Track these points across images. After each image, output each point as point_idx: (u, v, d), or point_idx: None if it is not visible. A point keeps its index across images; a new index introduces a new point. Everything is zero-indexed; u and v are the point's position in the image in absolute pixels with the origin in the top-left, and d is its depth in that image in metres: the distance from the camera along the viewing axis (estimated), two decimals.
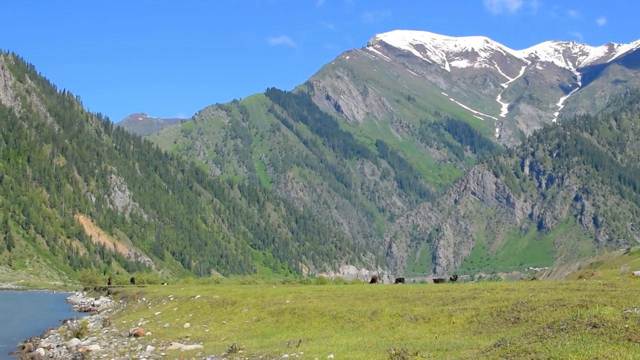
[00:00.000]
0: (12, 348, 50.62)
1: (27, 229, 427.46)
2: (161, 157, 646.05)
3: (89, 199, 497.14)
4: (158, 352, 35.51)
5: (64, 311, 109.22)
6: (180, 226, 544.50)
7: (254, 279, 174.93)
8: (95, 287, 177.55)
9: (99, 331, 53.26)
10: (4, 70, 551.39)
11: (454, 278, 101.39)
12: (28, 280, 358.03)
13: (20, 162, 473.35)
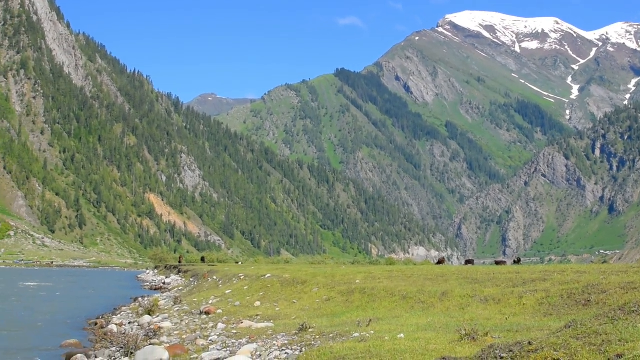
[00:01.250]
0: (84, 325, 51.43)
1: (99, 208, 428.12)
2: (231, 137, 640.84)
3: (159, 178, 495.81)
4: (229, 330, 34.75)
5: (135, 289, 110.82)
6: (250, 206, 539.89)
7: (324, 259, 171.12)
8: (166, 265, 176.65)
9: (170, 309, 53.68)
10: (75, 50, 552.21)
11: (518, 261, 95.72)
12: (99, 258, 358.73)
13: (92, 141, 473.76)
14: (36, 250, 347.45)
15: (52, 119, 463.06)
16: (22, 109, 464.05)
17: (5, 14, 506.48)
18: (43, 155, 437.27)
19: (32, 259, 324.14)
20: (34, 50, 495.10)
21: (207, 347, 30.63)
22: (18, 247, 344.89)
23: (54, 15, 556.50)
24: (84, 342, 39.88)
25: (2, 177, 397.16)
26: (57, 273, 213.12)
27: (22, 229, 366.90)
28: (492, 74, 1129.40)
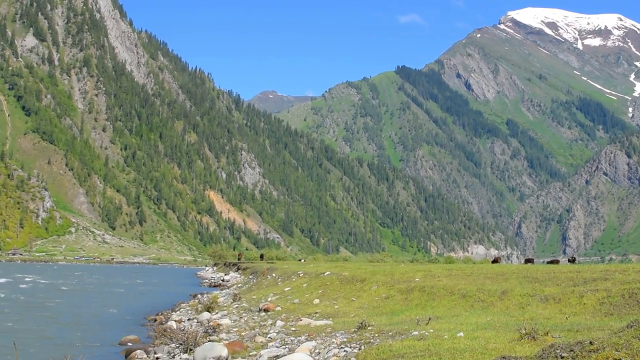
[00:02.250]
0: (144, 321, 51.83)
1: (159, 205, 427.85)
2: (291, 134, 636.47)
3: (219, 175, 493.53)
4: (288, 328, 34.67)
5: (194, 286, 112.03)
6: (309, 203, 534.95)
7: (382, 257, 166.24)
8: (225, 262, 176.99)
9: (229, 306, 53.40)
10: (137, 47, 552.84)
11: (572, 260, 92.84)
12: (159, 255, 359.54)
13: (153, 138, 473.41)
14: (96, 246, 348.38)
15: (113, 116, 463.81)
16: (84, 107, 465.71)
17: (69, 12, 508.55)
18: (104, 152, 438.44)
19: (92, 255, 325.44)
20: (97, 48, 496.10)
21: (265, 344, 30.60)
22: (79, 244, 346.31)
23: (117, 13, 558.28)
24: (143, 338, 40.24)
25: (64, 173, 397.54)
26: (117, 269, 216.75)
27: (83, 226, 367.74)
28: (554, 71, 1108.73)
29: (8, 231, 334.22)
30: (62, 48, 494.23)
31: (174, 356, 30.51)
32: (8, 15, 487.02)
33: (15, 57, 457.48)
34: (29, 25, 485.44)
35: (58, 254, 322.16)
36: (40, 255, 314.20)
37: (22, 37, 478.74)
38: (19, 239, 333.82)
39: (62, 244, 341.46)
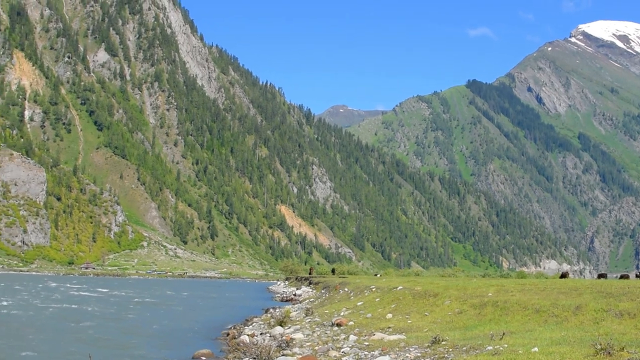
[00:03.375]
0: (217, 335, 51.62)
1: (230, 219, 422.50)
2: (362, 148, 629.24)
3: (290, 189, 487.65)
4: (361, 342, 33.87)
5: (266, 300, 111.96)
6: (380, 218, 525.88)
7: (454, 272, 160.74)
8: (297, 277, 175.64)
9: (301, 320, 52.96)
10: (209, 62, 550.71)
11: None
12: (230, 269, 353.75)
13: (224, 152, 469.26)
14: (168, 261, 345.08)
15: (185, 130, 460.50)
16: (155, 121, 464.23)
17: (140, 27, 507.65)
18: (176, 167, 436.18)
19: (164, 269, 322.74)
20: (168, 62, 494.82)
21: (339, 358, 30.15)
22: (151, 258, 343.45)
23: (188, 28, 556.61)
24: (217, 352, 39.88)
25: (136, 188, 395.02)
26: (189, 284, 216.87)
27: (155, 240, 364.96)
28: (626, 84, 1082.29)
29: (81, 245, 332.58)
30: (133, 63, 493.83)
31: None
32: (80, 30, 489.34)
33: (88, 72, 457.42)
34: (101, 41, 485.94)
35: (130, 268, 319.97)
36: (112, 270, 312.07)
37: (94, 52, 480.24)
38: (91, 252, 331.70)
39: (134, 258, 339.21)
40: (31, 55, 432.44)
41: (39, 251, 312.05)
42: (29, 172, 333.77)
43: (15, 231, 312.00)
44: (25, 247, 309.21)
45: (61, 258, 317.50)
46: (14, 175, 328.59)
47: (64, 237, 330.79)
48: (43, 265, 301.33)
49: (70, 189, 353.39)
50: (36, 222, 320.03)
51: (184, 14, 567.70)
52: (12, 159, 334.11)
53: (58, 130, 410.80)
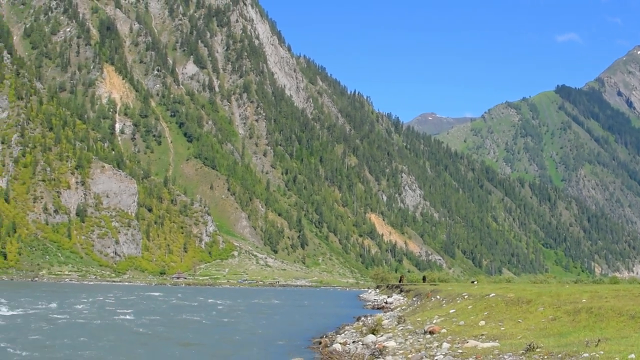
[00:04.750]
0: (309, 344, 50.52)
1: (320, 228, 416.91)
2: (451, 155, 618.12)
3: (380, 197, 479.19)
4: (454, 350, 32.70)
5: (357, 308, 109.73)
6: (471, 225, 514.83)
7: (546, 278, 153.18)
8: (387, 284, 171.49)
9: (394, 328, 50.92)
10: (297, 73, 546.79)
11: None
12: (321, 278, 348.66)
13: (313, 162, 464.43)
14: (259, 270, 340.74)
15: (274, 141, 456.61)
16: (245, 132, 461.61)
17: (228, 40, 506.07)
18: (265, 177, 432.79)
19: (255, 278, 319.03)
20: (256, 74, 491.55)
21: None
22: (242, 267, 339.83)
23: (275, 39, 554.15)
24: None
25: (226, 198, 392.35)
26: (281, 292, 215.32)
27: (245, 249, 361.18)
28: None
29: (172, 255, 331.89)
30: (222, 75, 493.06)
31: None
32: (169, 44, 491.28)
33: (177, 85, 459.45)
34: (190, 53, 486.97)
35: (221, 278, 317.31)
36: (204, 279, 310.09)
37: (183, 65, 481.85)
38: (182, 262, 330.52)
39: (225, 268, 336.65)
40: (121, 69, 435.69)
41: (131, 262, 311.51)
42: (121, 184, 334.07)
43: (108, 242, 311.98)
44: (117, 258, 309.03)
45: (153, 268, 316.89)
46: (105, 187, 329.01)
47: (156, 248, 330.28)
48: (135, 276, 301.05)
49: (161, 200, 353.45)
50: (128, 233, 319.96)
51: (272, 25, 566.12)
52: (103, 171, 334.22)
53: (148, 142, 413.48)
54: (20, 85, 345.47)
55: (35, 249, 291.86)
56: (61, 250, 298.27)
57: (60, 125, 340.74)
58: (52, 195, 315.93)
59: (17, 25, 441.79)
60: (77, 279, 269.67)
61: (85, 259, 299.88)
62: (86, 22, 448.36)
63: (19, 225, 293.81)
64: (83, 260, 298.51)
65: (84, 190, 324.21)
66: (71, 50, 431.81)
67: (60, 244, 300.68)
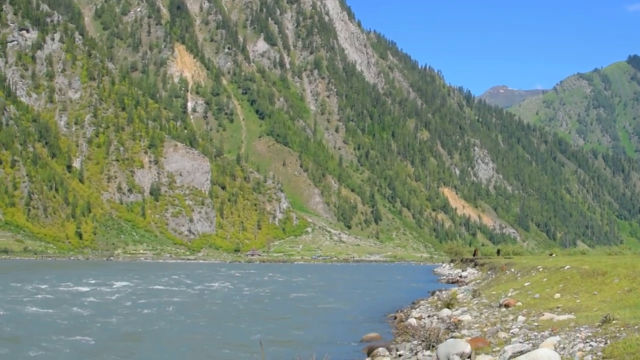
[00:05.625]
0: (384, 318, 49.50)
1: (393, 203, 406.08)
2: (523, 128, 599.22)
3: (452, 171, 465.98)
4: (530, 323, 30.82)
5: (432, 282, 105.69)
6: (544, 197, 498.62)
7: (621, 250, 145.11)
8: (462, 258, 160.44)
9: (468, 302, 48.52)
10: (367, 48, 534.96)
11: None
12: (395, 253, 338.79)
13: (385, 137, 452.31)
14: (333, 245, 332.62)
15: (345, 116, 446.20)
16: (316, 108, 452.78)
17: (298, 16, 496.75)
18: (338, 153, 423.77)
19: (329, 254, 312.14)
20: (327, 50, 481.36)
21: (508, 339, 27.59)
22: (315, 243, 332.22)
23: (345, 15, 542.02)
24: (385, 335, 38.16)
25: (299, 175, 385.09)
26: (355, 268, 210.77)
27: (319, 225, 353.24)
28: None
29: (246, 232, 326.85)
30: (292, 51, 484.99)
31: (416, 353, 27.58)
32: (239, 21, 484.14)
33: (248, 62, 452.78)
34: (260, 31, 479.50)
35: (295, 254, 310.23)
36: (278, 256, 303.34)
37: (254, 43, 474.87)
38: (256, 240, 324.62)
39: (299, 244, 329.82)
40: (192, 48, 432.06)
41: (205, 240, 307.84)
42: (194, 162, 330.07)
43: (182, 220, 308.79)
44: (192, 236, 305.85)
45: (227, 246, 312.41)
46: (179, 166, 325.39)
47: (230, 225, 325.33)
48: (209, 254, 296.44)
49: (234, 178, 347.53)
50: (202, 211, 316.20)
51: (341, 1, 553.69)
52: (176, 150, 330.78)
53: (220, 120, 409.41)
54: (92, 66, 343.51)
55: (110, 228, 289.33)
56: (136, 229, 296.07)
57: (133, 105, 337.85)
58: (126, 174, 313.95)
59: (88, 7, 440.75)
60: (152, 258, 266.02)
61: (159, 238, 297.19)
62: (156, 1, 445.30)
63: (94, 205, 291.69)
64: (157, 239, 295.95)
65: (157, 169, 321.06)
66: (142, 30, 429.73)
67: (134, 223, 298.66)
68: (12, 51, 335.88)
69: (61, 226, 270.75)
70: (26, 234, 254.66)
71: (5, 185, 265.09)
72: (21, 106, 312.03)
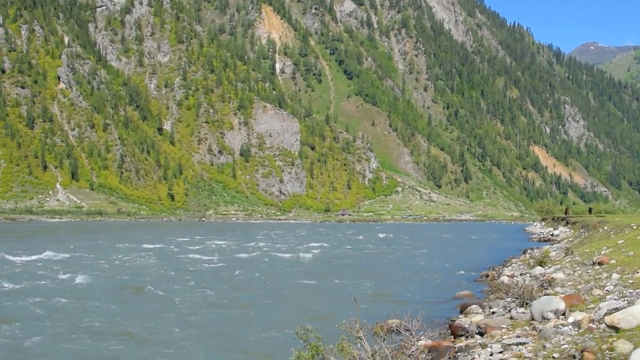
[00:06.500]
0: (476, 276, 47.77)
1: (483, 161, 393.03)
2: (614, 85, 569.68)
3: (543, 130, 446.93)
4: (624, 280, 28.21)
5: (523, 241, 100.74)
6: (636, 155, 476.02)
7: None
8: (553, 217, 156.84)
9: (561, 260, 44.94)
10: (454, 6, 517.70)
11: None
12: (485, 212, 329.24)
13: (474, 95, 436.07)
14: (423, 205, 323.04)
15: (434, 75, 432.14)
16: (404, 67, 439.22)
17: None
18: (427, 112, 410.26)
19: (419, 213, 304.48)
20: (414, 8, 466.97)
21: (603, 297, 25.27)
22: (405, 203, 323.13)
23: None
24: (477, 294, 37.22)
25: (388, 134, 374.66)
26: (445, 227, 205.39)
27: (408, 185, 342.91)
28: None
29: (336, 192, 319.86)
30: (379, 11, 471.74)
31: (510, 310, 26.12)
32: None
33: (335, 23, 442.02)
34: None
35: (385, 214, 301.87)
36: (368, 215, 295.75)
37: (341, 3, 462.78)
38: (346, 199, 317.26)
39: (388, 204, 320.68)
40: (279, 9, 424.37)
41: (295, 200, 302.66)
42: (283, 123, 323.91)
43: (272, 181, 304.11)
44: (282, 197, 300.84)
45: (317, 206, 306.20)
46: (268, 127, 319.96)
47: (319, 186, 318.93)
48: (300, 214, 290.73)
49: (323, 138, 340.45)
50: (292, 172, 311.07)
51: None
52: (265, 111, 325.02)
53: (309, 81, 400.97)
54: (180, 29, 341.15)
55: (201, 189, 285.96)
56: (226, 190, 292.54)
57: (221, 67, 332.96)
58: (216, 136, 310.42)
59: None
60: (243, 218, 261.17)
61: (250, 198, 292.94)
62: None
63: (185, 167, 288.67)
64: (248, 200, 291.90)
65: (247, 130, 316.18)
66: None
67: (225, 184, 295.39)
68: (102, 16, 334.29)
69: (153, 188, 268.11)
70: (119, 196, 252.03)
71: (98, 149, 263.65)
72: (111, 70, 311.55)
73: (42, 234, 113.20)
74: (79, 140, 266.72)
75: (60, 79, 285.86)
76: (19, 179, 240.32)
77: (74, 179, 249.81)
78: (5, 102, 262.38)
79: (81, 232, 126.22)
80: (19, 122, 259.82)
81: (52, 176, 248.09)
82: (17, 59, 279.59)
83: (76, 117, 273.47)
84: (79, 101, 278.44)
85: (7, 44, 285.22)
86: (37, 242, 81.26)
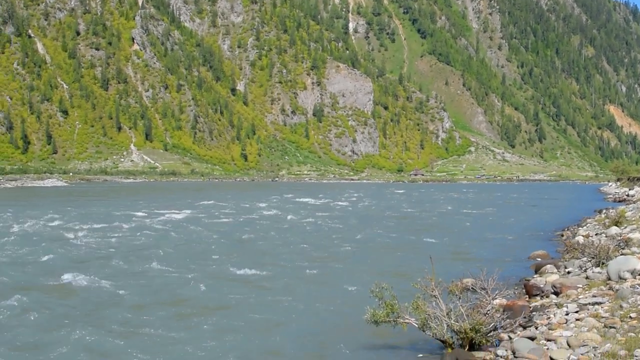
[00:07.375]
0: (551, 236, 46.14)
1: (558, 121, 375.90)
2: None
3: (619, 89, 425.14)
4: None
5: (598, 201, 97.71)
6: None
7: None
8: (628, 177, 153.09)
9: (637, 220, 43.43)
10: None
11: None
12: (559, 172, 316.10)
13: (549, 54, 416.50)
14: (496, 165, 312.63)
15: (508, 34, 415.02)
16: (478, 26, 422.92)
17: None
18: (501, 71, 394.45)
19: (493, 173, 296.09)
20: None
21: None
22: (478, 162, 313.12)
23: None
24: (552, 253, 35.99)
25: (462, 93, 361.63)
26: (519, 187, 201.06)
27: (482, 145, 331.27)
28: None
29: (409, 152, 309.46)
30: None
31: (585, 270, 26.16)
32: None
33: None
34: None
35: (458, 174, 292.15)
36: (441, 175, 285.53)
37: None
38: (419, 159, 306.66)
39: (462, 164, 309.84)
40: None
41: (368, 160, 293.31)
42: (356, 82, 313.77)
43: (345, 141, 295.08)
44: (355, 157, 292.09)
45: (390, 166, 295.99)
46: (341, 87, 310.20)
47: (392, 145, 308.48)
48: (373, 174, 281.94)
49: (396, 98, 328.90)
50: (365, 132, 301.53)
51: None
52: (338, 71, 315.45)
53: (382, 40, 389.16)
54: None
55: (274, 149, 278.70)
56: (299, 151, 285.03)
57: (295, 27, 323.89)
58: (289, 96, 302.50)
59: None
60: (315, 178, 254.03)
61: (323, 159, 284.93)
62: None
63: (258, 127, 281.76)
64: (321, 160, 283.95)
65: (319, 90, 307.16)
66: None
67: (298, 144, 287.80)
68: None
69: (226, 148, 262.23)
70: (192, 156, 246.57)
71: (172, 109, 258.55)
72: (185, 31, 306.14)
73: (153, 193, 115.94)
74: (153, 101, 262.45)
75: (134, 40, 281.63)
76: (93, 140, 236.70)
77: (148, 140, 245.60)
78: (80, 64, 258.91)
79: (177, 191, 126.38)
80: (94, 83, 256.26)
81: (126, 137, 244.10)
82: (92, 20, 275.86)
83: (150, 78, 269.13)
84: (153, 62, 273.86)
85: (81, 6, 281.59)
86: (163, 201, 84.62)
